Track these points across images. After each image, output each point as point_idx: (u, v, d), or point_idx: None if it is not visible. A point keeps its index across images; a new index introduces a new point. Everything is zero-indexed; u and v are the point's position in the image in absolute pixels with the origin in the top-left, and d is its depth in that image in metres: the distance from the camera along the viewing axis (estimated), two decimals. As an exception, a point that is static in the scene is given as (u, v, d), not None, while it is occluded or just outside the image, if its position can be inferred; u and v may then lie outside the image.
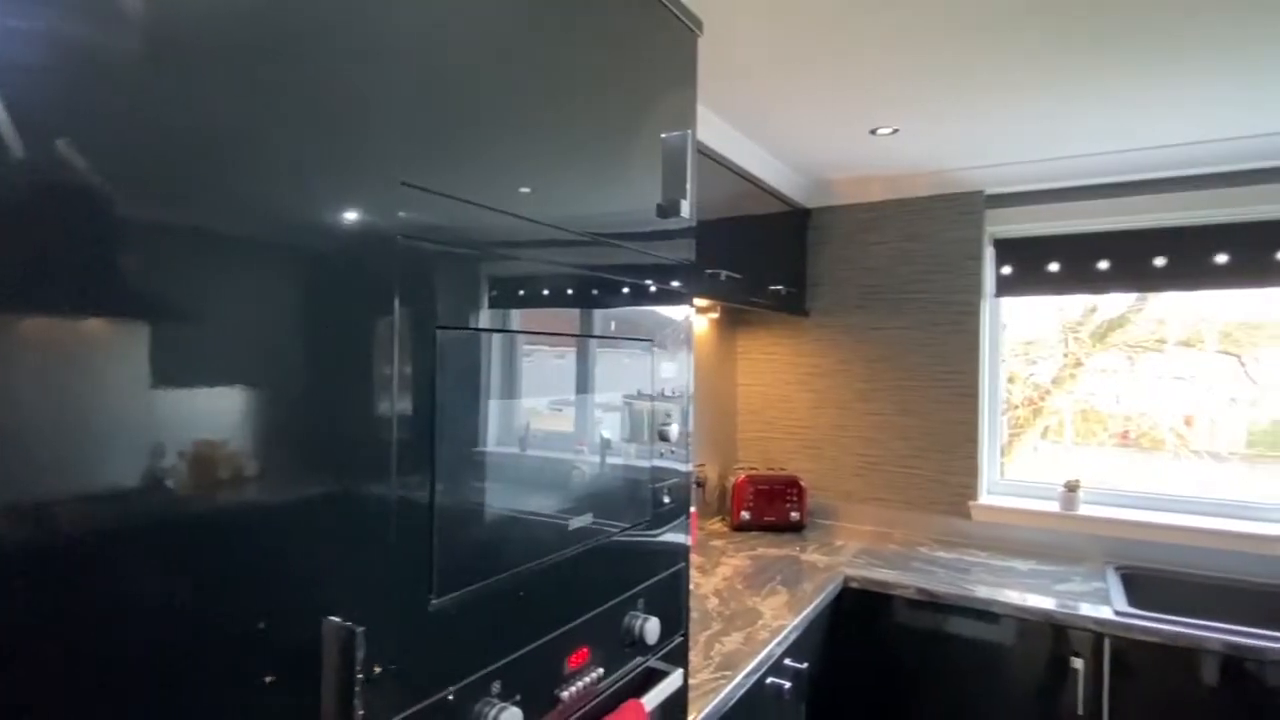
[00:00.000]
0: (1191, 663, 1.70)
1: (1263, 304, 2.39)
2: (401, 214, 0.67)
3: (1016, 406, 3.21)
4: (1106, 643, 1.78)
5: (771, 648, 1.55)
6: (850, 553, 2.30)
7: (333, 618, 0.63)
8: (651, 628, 1.04)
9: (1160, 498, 2.33)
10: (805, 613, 1.76)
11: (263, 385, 0.58)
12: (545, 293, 0.89)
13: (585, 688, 0.93)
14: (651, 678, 1.06)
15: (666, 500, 1.13)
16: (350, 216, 0.64)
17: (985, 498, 2.51)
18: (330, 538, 0.63)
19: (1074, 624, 1.80)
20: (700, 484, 2.61)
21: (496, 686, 0.79)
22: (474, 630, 0.76)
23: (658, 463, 1.11)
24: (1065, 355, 3.11)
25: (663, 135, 1.12)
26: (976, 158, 2.33)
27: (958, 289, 2.52)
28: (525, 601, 0.83)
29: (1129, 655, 1.76)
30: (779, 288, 2.46)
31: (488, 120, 0.78)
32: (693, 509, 2.30)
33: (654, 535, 1.09)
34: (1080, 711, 1.79)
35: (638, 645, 1.04)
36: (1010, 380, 3.33)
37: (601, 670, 0.97)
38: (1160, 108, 1.85)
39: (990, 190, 2.48)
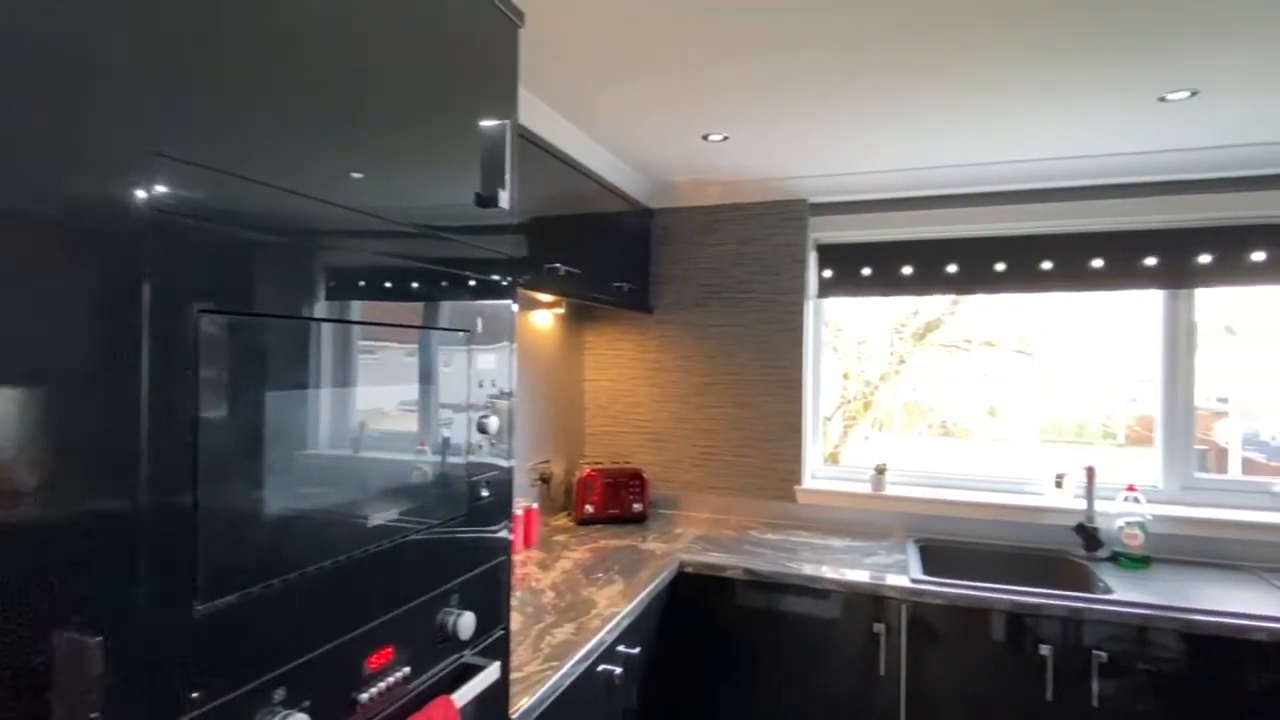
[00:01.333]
0: (979, 621, 1.94)
1: (1050, 310, 2.79)
2: (158, 188, 0.62)
3: (851, 400, 3.51)
4: (904, 608, 1.99)
5: (602, 635, 1.59)
6: (688, 539, 2.40)
7: (66, 631, 0.57)
8: (466, 623, 1.03)
9: (955, 477, 2.64)
10: (639, 599, 1.81)
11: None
12: (344, 279, 0.85)
13: (389, 688, 0.91)
14: (467, 673, 1.05)
15: (485, 494, 1.12)
16: (88, 188, 0.58)
17: (809, 482, 2.72)
18: (61, 541, 0.57)
19: (876, 593, 2.00)
20: (546, 480, 2.61)
21: (280, 693, 0.74)
22: (252, 636, 0.71)
23: (476, 457, 1.10)
24: (891, 354, 3.44)
25: (481, 124, 1.11)
26: (802, 169, 2.51)
27: (785, 290, 2.71)
28: (315, 603, 0.79)
29: (924, 618, 1.98)
30: (623, 284, 2.51)
31: (265, 90, 0.73)
32: (535, 505, 2.30)
33: (470, 530, 1.08)
34: (882, 672, 1.98)
35: (451, 641, 1.02)
36: (845, 377, 3.63)
37: (409, 669, 0.94)
38: (967, 133, 2.09)
39: (814, 199, 2.69)
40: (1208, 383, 2.57)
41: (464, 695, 1.01)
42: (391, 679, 0.91)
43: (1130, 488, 2.27)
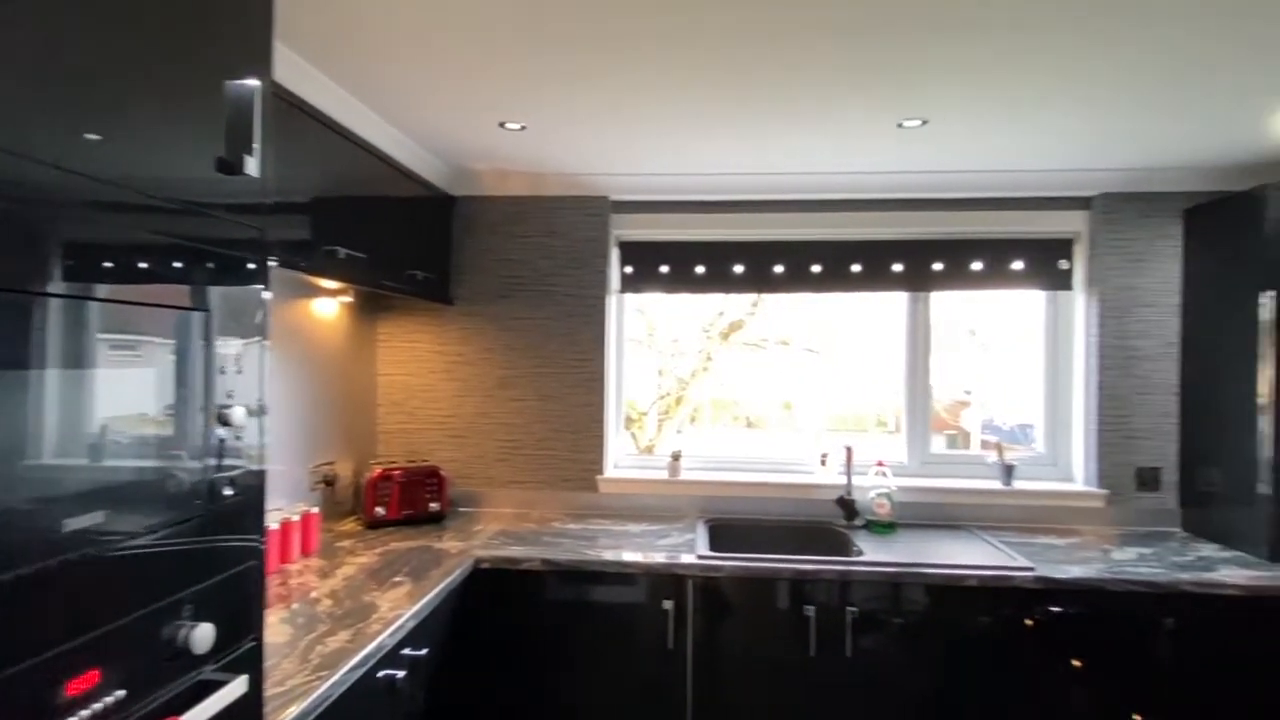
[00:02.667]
0: (754, 589, 2.11)
1: (835, 311, 3.12)
2: None
3: (665, 395, 3.66)
4: (690, 583, 2.11)
5: (383, 640, 1.51)
6: (487, 536, 2.36)
7: None
8: (201, 636, 0.92)
9: (742, 461, 2.86)
10: (426, 600, 1.75)
11: None
12: (51, 249, 0.72)
13: (97, 715, 0.79)
14: (205, 690, 0.94)
15: (229, 493, 1.01)
16: None
17: (611, 472, 2.80)
18: None
19: (667, 571, 2.11)
20: (330, 482, 2.42)
21: (-75, 738, 0.61)
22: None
23: (217, 455, 0.99)
24: (700, 352, 3.63)
25: (226, 83, 1.00)
26: (603, 166, 2.57)
27: (589, 284, 2.76)
28: (-21, 625, 0.66)
29: (709, 591, 2.12)
30: (418, 273, 2.40)
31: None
32: (315, 509, 2.13)
33: (207, 535, 0.97)
34: (670, 646, 2.10)
35: (183, 658, 0.91)
36: (661, 374, 3.78)
37: (124, 692, 0.83)
38: (752, 145, 2.25)
39: (615, 196, 2.77)
40: (956, 378, 3.05)
41: (200, 714, 0.90)
42: (100, 705, 0.79)
43: (879, 463, 2.61)
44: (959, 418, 3.03)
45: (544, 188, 2.75)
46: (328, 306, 2.45)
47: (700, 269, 2.81)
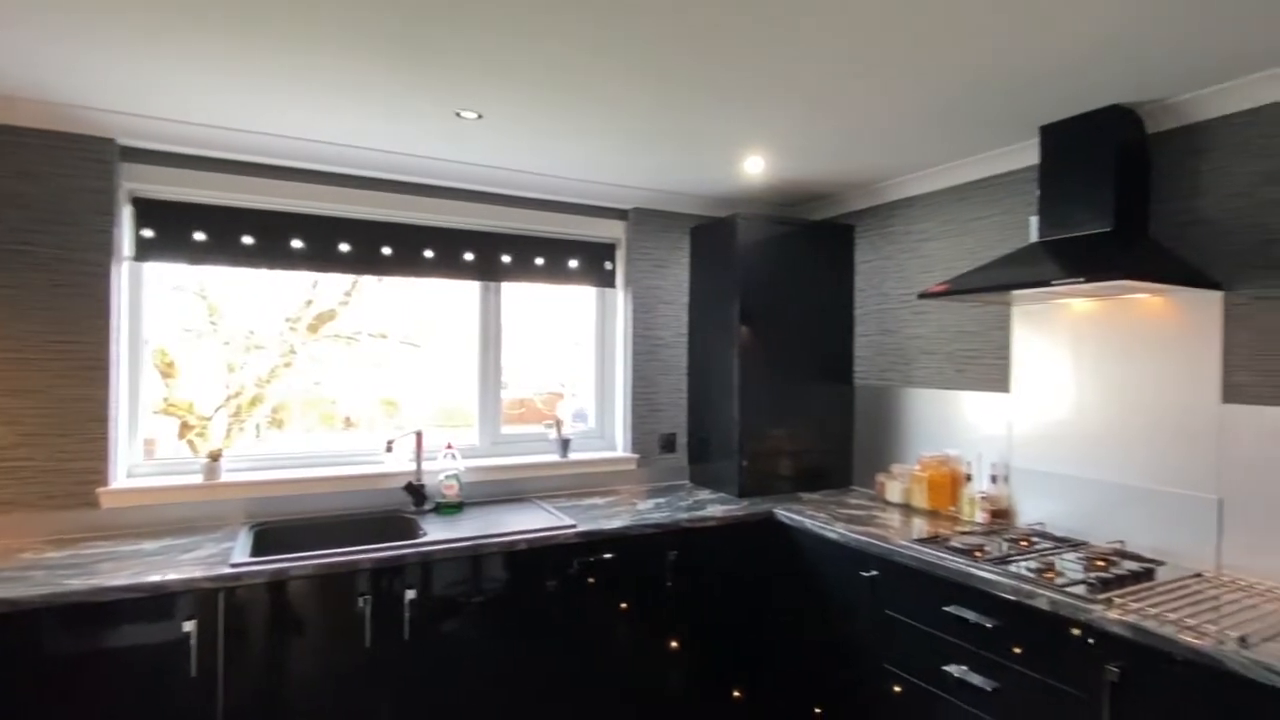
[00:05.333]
0: (302, 590, 1.94)
1: (439, 304, 3.01)
2: None
3: (238, 394, 3.08)
4: (221, 597, 1.84)
5: None
6: (-103, 583, 1.69)
7: None
8: None
9: (304, 456, 2.61)
10: None
11: None
12: None
13: None
14: None
15: None
16: None
17: (122, 482, 2.28)
18: None
19: (185, 589, 1.79)
20: None
21: None
22: None
23: None
24: (284, 345, 3.15)
25: None
26: (108, 99, 2.05)
27: (85, 246, 2.19)
28: None
29: (246, 602, 1.87)
30: None
31: None
32: None
33: None
34: (194, 673, 1.79)
35: None
36: (231, 369, 3.16)
37: None
38: (300, 107, 2.02)
39: (127, 141, 2.25)
40: (553, 371, 3.28)
41: None
42: None
43: (448, 446, 2.66)
44: (555, 409, 3.27)
45: (13, 114, 2.08)
46: None
47: (250, 239, 2.48)
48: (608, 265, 3.16)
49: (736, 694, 2.61)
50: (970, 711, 1.89)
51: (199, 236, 2.40)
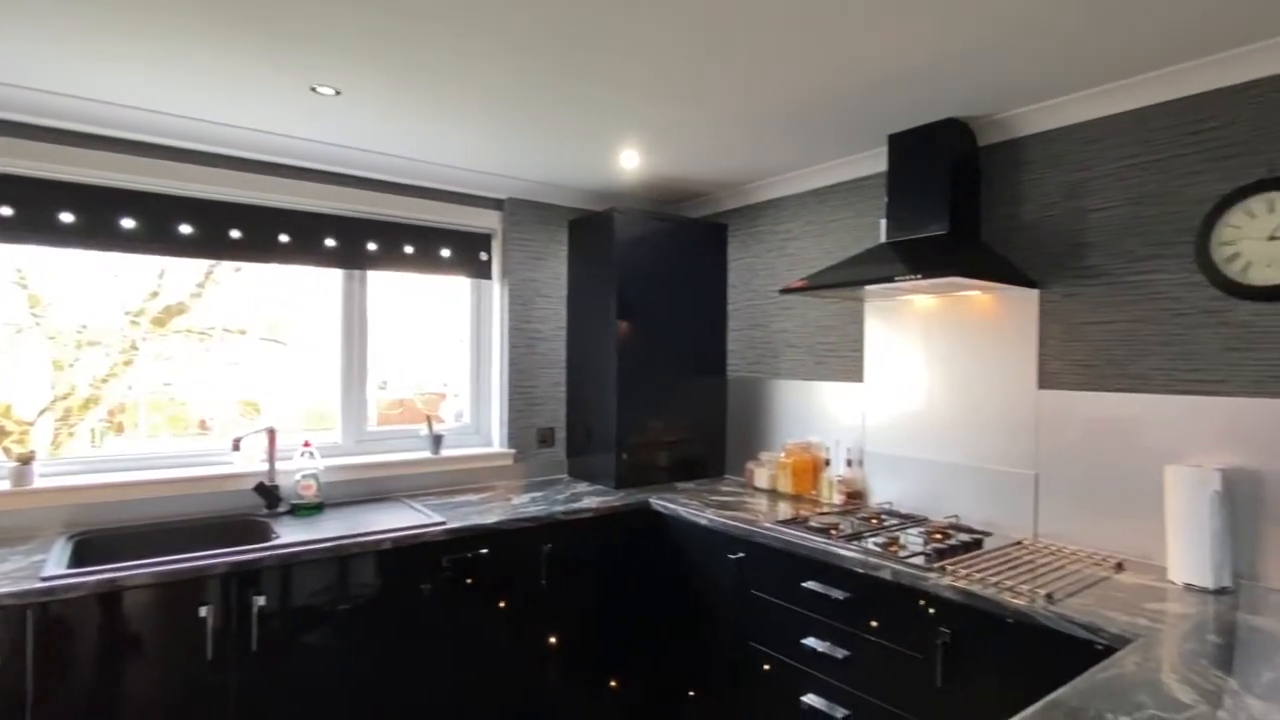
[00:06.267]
0: (132, 604, 1.75)
1: (305, 298, 2.77)
2: None
3: (68, 395, 2.71)
4: (30, 615, 1.63)
5: None
6: None
7: None
8: None
9: (136, 459, 2.36)
10: None
11: None
12: None
13: None
14: None
15: None
16: None
17: (-98, 491, 1.97)
18: None
19: (-18, 608, 1.57)
20: None
21: None
22: None
23: None
24: (125, 341, 2.80)
25: None
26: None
27: None
28: None
29: (60, 621, 1.66)
30: None
31: None
32: None
33: None
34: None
35: None
36: (58, 369, 2.77)
37: None
38: (139, 73, 1.82)
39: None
40: (434, 371, 3.14)
41: None
42: None
43: (306, 444, 2.50)
44: (437, 409, 3.14)
45: None
46: None
47: (67, 217, 2.21)
48: (483, 256, 3.09)
49: (613, 684, 2.63)
50: (827, 680, 2.01)
51: (4, 212, 2.11)
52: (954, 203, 2.16)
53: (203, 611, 1.82)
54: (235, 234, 2.49)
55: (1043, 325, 2.13)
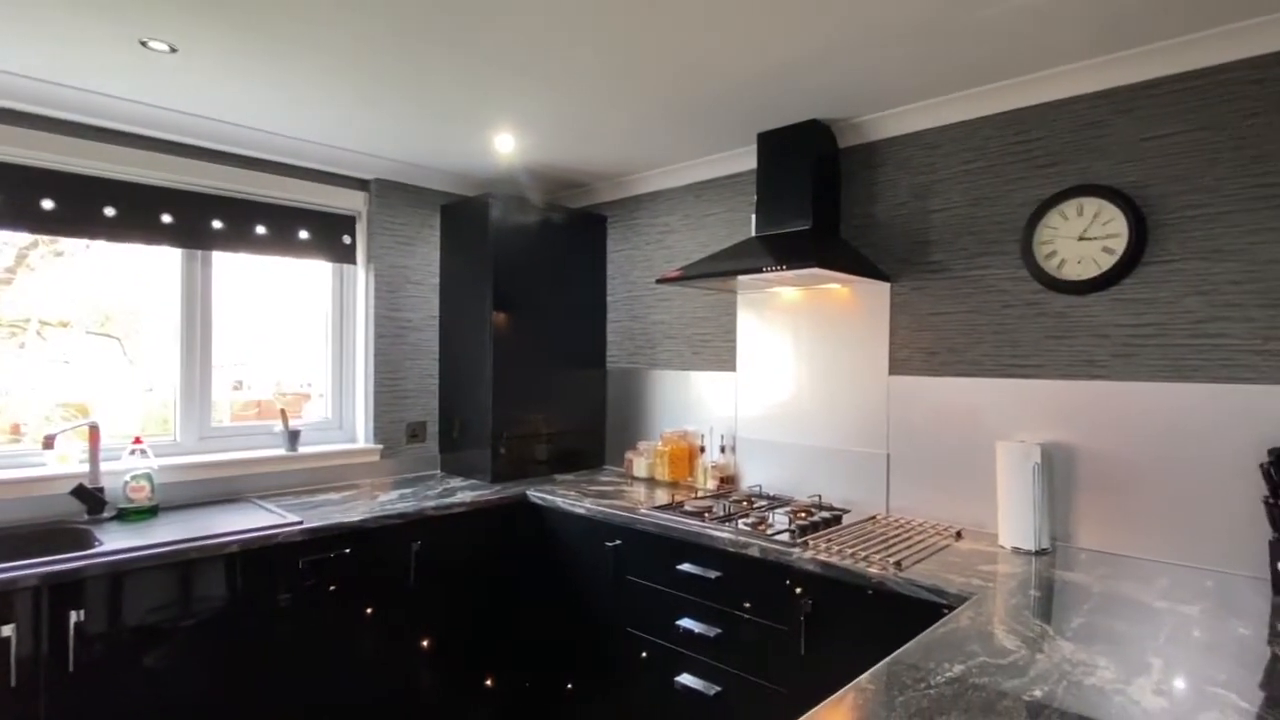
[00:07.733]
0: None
1: (141, 290, 2.42)
2: None
3: None
4: None
5: None
6: None
7: None
8: None
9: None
10: None
11: None
12: None
13: None
14: None
15: None
16: None
17: None
18: None
19: None
20: None
21: None
22: None
23: None
24: None
25: None
26: None
27: None
28: None
29: None
30: None
31: None
32: None
33: None
34: None
35: None
36: None
37: None
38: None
39: None
40: (297, 370, 2.88)
41: None
42: None
43: (136, 441, 2.24)
44: (301, 410, 2.90)
45: None
46: None
47: None
48: (346, 239, 2.91)
49: (489, 682, 2.56)
50: (700, 659, 2.06)
51: None
52: (816, 200, 2.28)
53: (5, 631, 1.58)
54: (48, 205, 2.19)
55: (894, 316, 2.30)
